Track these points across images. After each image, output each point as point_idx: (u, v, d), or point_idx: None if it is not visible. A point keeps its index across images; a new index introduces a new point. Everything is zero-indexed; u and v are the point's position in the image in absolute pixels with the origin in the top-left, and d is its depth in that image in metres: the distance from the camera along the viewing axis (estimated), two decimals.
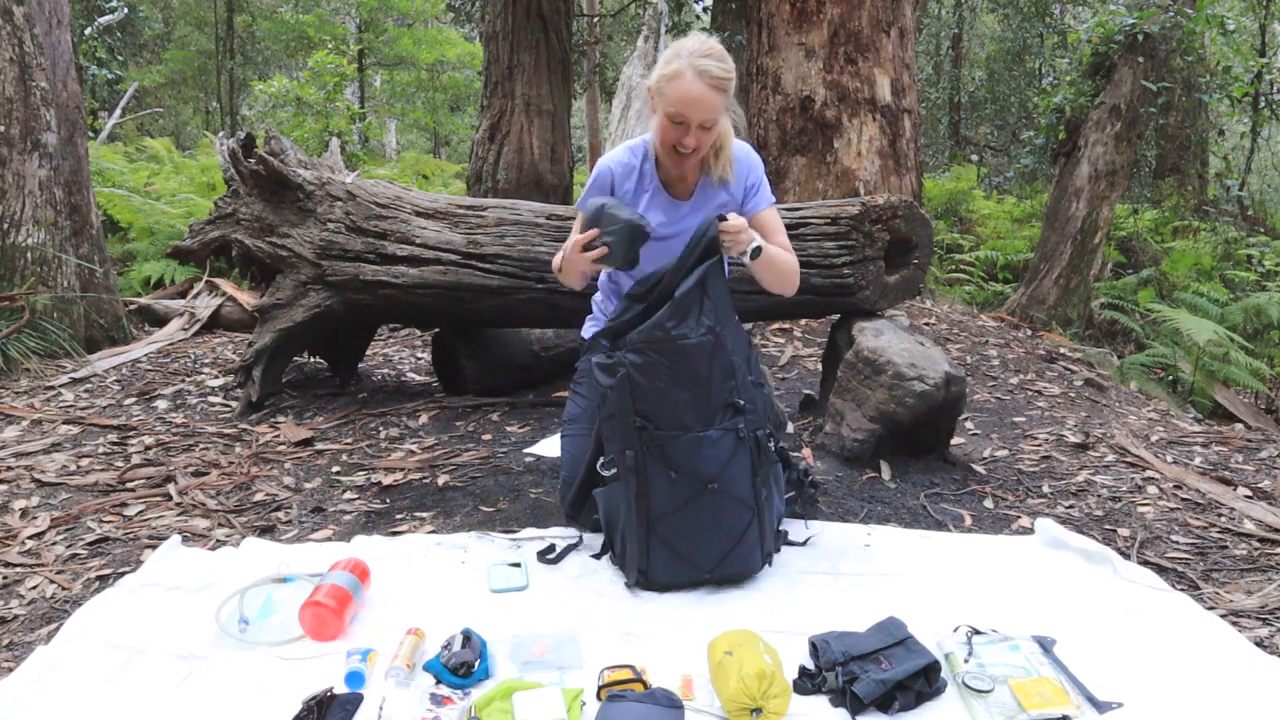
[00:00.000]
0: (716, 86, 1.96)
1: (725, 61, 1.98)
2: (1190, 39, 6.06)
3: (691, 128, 1.98)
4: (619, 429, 1.93)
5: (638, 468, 1.90)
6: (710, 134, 2.03)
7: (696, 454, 1.88)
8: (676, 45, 2.00)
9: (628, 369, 1.90)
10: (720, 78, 1.96)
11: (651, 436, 1.88)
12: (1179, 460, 2.99)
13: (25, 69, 4.20)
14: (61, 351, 4.14)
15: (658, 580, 1.92)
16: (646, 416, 1.89)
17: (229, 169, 3.66)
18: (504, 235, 3.12)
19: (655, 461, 1.89)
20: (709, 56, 1.95)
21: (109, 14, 11.22)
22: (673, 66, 1.96)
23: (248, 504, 2.52)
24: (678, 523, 1.89)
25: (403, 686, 1.56)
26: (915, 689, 1.52)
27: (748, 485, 1.93)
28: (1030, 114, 10.48)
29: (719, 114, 2.00)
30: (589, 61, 11.82)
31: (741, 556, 1.93)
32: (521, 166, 6.77)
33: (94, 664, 1.64)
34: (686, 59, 1.95)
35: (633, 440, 1.90)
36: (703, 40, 1.99)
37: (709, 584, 1.95)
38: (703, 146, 2.04)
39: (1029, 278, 6.36)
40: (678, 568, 1.90)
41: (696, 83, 1.94)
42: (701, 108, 1.96)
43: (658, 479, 1.89)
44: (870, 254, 2.91)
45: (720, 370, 1.93)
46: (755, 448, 1.94)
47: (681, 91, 1.95)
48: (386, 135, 17.23)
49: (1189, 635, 1.76)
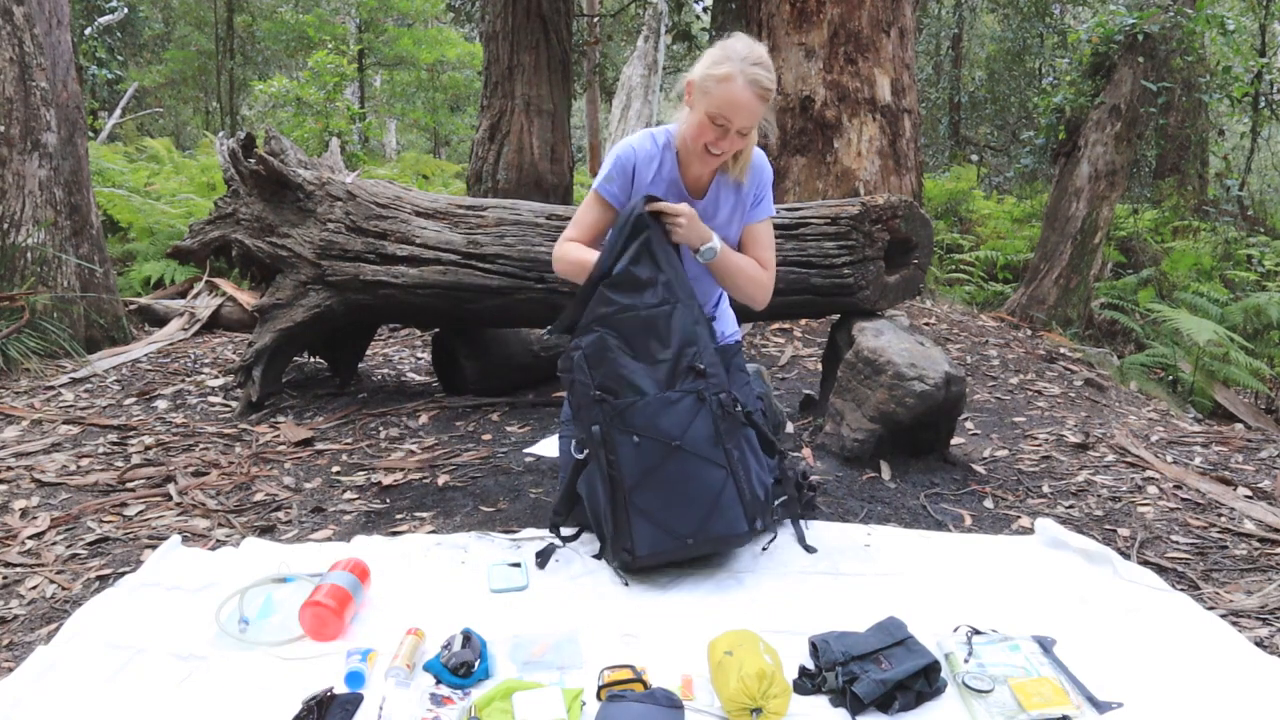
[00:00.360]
0: (762, 96, 1.99)
1: (771, 71, 2.02)
2: (1190, 39, 6.07)
3: (731, 132, 2.00)
4: (583, 404, 1.98)
5: (605, 439, 1.94)
6: (745, 140, 2.06)
7: (657, 416, 1.94)
8: (726, 46, 2.00)
9: (582, 349, 1.99)
10: (768, 89, 1.99)
11: (611, 406, 1.95)
12: (1179, 460, 2.99)
13: (25, 69, 4.20)
14: (61, 351, 4.14)
15: (642, 554, 1.92)
16: (605, 389, 1.96)
17: (229, 169, 3.66)
18: (504, 235, 3.12)
19: (618, 430, 1.94)
20: (760, 65, 1.98)
21: (109, 14, 11.22)
22: (724, 69, 1.97)
23: (248, 504, 2.52)
24: (651, 489, 1.92)
25: (403, 686, 1.56)
26: (915, 689, 1.52)
27: (713, 444, 1.96)
28: (1030, 114, 10.48)
29: (756, 122, 2.04)
30: (589, 61, 11.83)
31: (723, 519, 1.94)
32: (521, 166, 6.77)
33: (94, 664, 1.64)
34: (739, 64, 1.96)
35: (595, 413, 1.96)
36: (752, 46, 2.00)
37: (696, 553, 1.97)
38: (733, 150, 2.07)
39: (1029, 278, 6.36)
40: (659, 537, 1.92)
41: (746, 90, 1.96)
42: (746, 114, 1.99)
43: (624, 445, 1.93)
44: (870, 254, 2.91)
45: (679, 338, 2.01)
46: (719, 409, 1.97)
47: (730, 95, 1.96)
48: (386, 135, 17.23)
49: (1189, 635, 1.76)
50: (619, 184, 2.13)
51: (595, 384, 1.97)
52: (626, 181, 2.13)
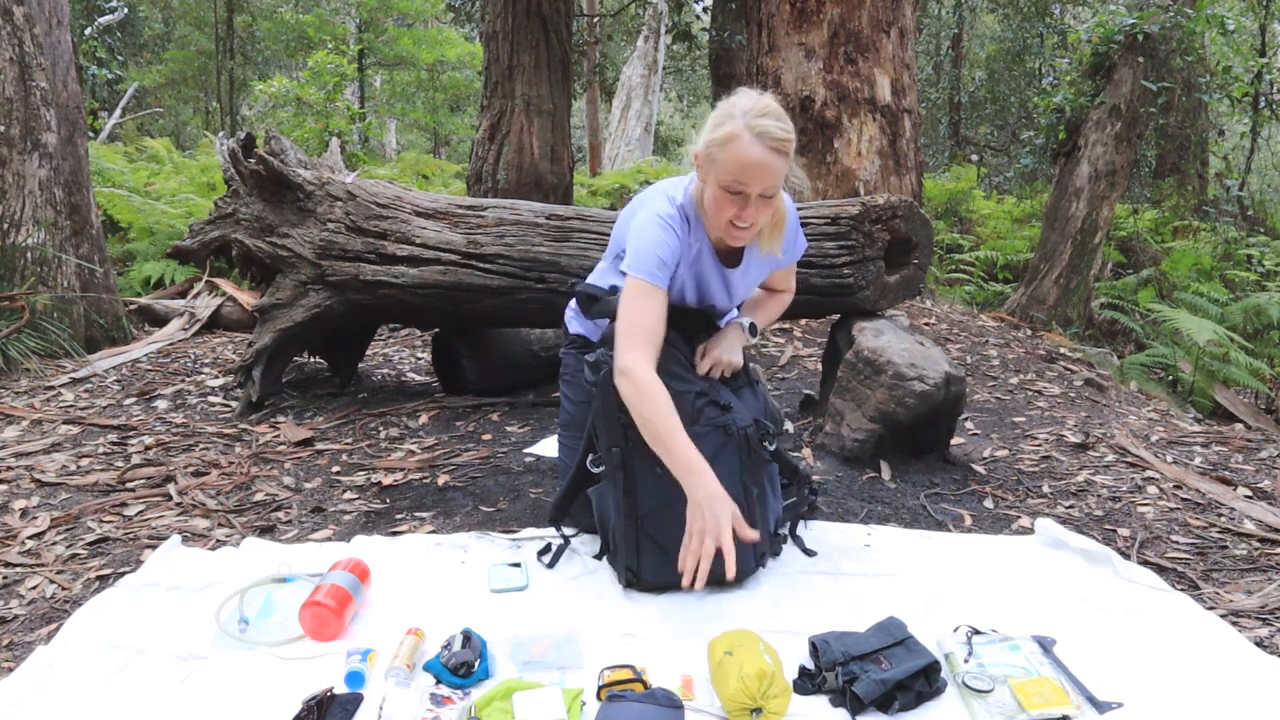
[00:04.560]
0: (777, 149, 1.73)
1: (785, 121, 1.76)
2: (1190, 39, 6.06)
3: (751, 199, 1.76)
4: (605, 426, 1.92)
5: (624, 464, 1.90)
6: (771, 204, 1.81)
7: None
8: (727, 105, 1.78)
9: (610, 365, 1.89)
10: (781, 139, 1.74)
11: (637, 432, 1.86)
12: (1179, 460, 2.99)
13: (25, 69, 4.20)
14: (61, 351, 4.14)
15: (648, 580, 1.90)
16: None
17: (229, 169, 3.66)
18: (504, 235, 3.12)
19: (641, 457, 1.87)
20: (766, 115, 1.74)
21: (109, 14, 11.22)
22: (725, 129, 1.73)
23: (248, 504, 2.52)
24: (665, 520, 1.86)
25: (403, 686, 1.56)
26: (915, 689, 1.52)
27: (736, 482, 1.91)
28: (1030, 114, 10.48)
29: (781, 180, 1.78)
30: (589, 61, 11.82)
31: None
32: (521, 166, 6.77)
33: (94, 664, 1.64)
34: (741, 119, 1.73)
35: (618, 437, 1.90)
36: (757, 98, 1.77)
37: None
38: (762, 220, 1.83)
39: (1029, 278, 6.36)
40: (667, 567, 1.84)
41: (755, 146, 1.72)
42: (762, 175, 1.74)
43: (644, 475, 1.88)
44: (870, 254, 2.91)
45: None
46: (745, 445, 1.93)
47: (738, 156, 1.73)
48: (386, 135, 17.23)
49: (1189, 635, 1.76)
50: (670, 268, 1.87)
51: (621, 405, 1.85)
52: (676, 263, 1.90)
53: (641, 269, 1.82)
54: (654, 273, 1.82)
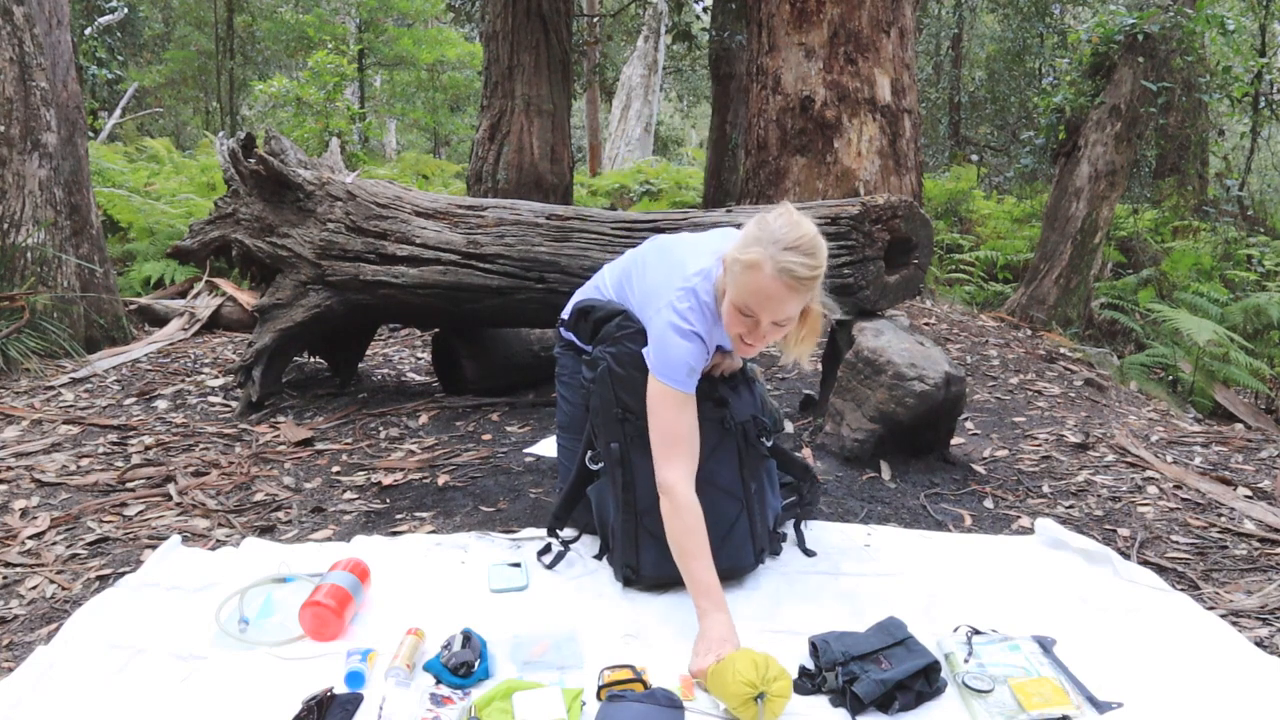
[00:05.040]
0: (797, 288, 1.69)
1: (814, 256, 1.69)
2: (1190, 39, 6.06)
3: (762, 324, 1.75)
4: (603, 422, 1.94)
5: (623, 459, 1.91)
6: (783, 329, 1.79)
7: None
8: (763, 224, 1.72)
9: (607, 361, 1.92)
10: (804, 278, 1.68)
11: (634, 427, 1.89)
12: (1179, 460, 2.99)
13: (25, 69, 4.19)
14: (61, 351, 4.14)
15: (647, 575, 1.91)
16: (628, 408, 1.90)
17: (229, 169, 3.66)
18: (504, 235, 3.12)
19: (639, 452, 1.89)
20: (795, 249, 1.67)
21: (109, 14, 11.22)
22: (752, 254, 1.69)
23: (248, 504, 2.52)
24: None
25: (403, 686, 1.56)
26: (915, 689, 1.52)
27: (734, 476, 1.93)
28: (1030, 114, 10.48)
29: (796, 313, 1.76)
30: (589, 61, 11.82)
31: (731, 551, 1.91)
32: (521, 166, 6.77)
33: (94, 664, 1.64)
34: (769, 248, 1.68)
35: (616, 432, 1.92)
36: (793, 225, 1.70)
37: None
38: (772, 339, 1.81)
39: (1029, 278, 6.35)
40: (666, 561, 1.85)
41: (775, 282, 1.67)
42: (775, 308, 1.72)
43: (643, 469, 1.89)
44: (870, 254, 2.91)
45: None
46: (742, 439, 1.94)
47: (755, 286, 1.69)
48: (386, 135, 17.22)
49: (1189, 635, 1.76)
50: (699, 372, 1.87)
51: (618, 401, 1.91)
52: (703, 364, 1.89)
53: (673, 379, 1.80)
54: (684, 381, 1.81)
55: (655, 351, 1.84)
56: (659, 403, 1.82)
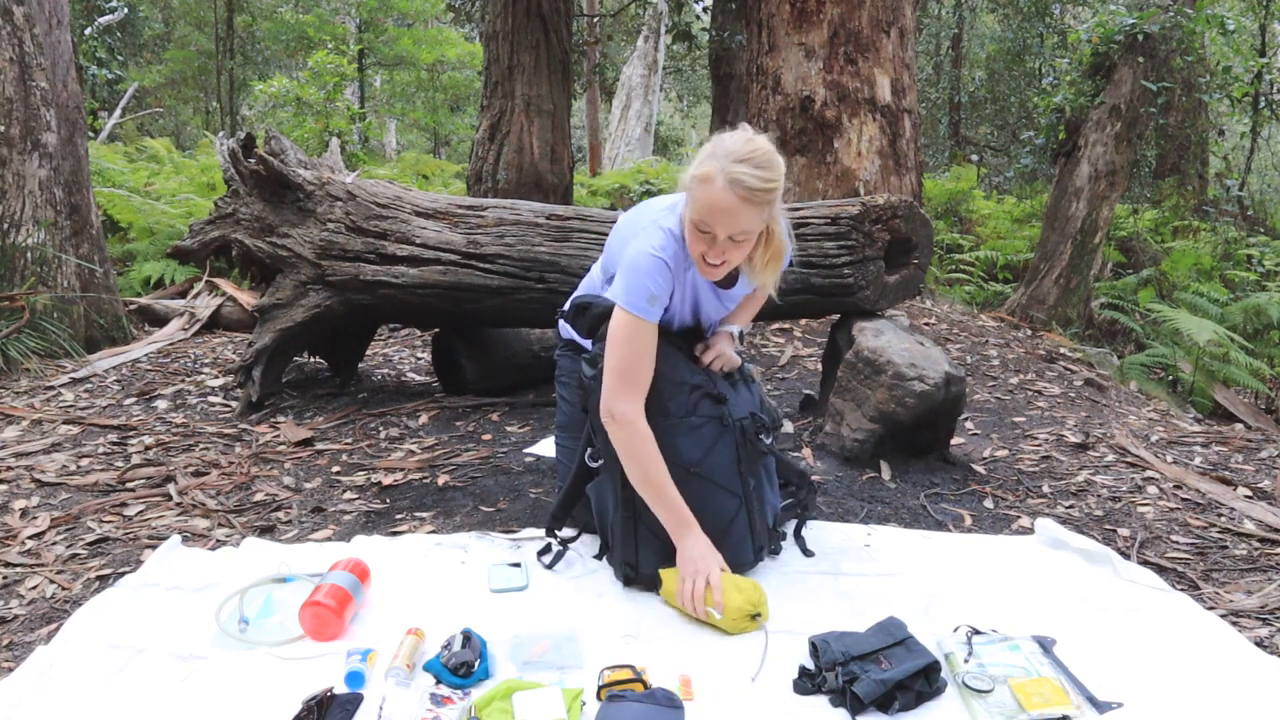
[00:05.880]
0: (750, 199, 1.70)
1: (767, 169, 1.71)
2: (1190, 39, 6.06)
3: (719, 240, 1.75)
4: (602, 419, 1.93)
5: None
6: (742, 248, 1.79)
7: (678, 440, 1.89)
8: (716, 141, 1.75)
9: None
10: (755, 189, 1.69)
11: None
12: (1179, 460, 2.99)
13: (25, 69, 4.20)
14: (61, 351, 4.14)
15: (647, 574, 1.91)
16: None
17: (229, 169, 3.66)
18: (504, 235, 3.12)
19: None
20: (747, 162, 1.69)
21: (109, 14, 11.22)
22: (705, 168, 1.72)
23: (248, 504, 2.52)
24: None
25: (403, 686, 1.56)
26: (915, 689, 1.52)
27: (733, 473, 1.92)
28: (1030, 114, 10.48)
29: (753, 226, 1.76)
30: (589, 61, 11.83)
31: (730, 547, 1.91)
32: (521, 166, 6.77)
33: (94, 664, 1.64)
34: (722, 161, 1.70)
35: None
36: (746, 140, 1.73)
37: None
38: (733, 259, 1.82)
39: (1029, 278, 6.36)
40: (666, 558, 1.87)
41: (726, 192, 1.69)
42: (729, 221, 1.72)
43: None
44: (870, 254, 2.91)
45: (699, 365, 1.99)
46: (741, 436, 1.94)
47: (708, 199, 1.71)
48: (386, 135, 17.23)
49: (1189, 635, 1.76)
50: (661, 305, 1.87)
51: None
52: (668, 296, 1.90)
53: (632, 305, 1.81)
54: (645, 308, 1.81)
55: (620, 280, 1.84)
56: (618, 331, 1.82)
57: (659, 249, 1.83)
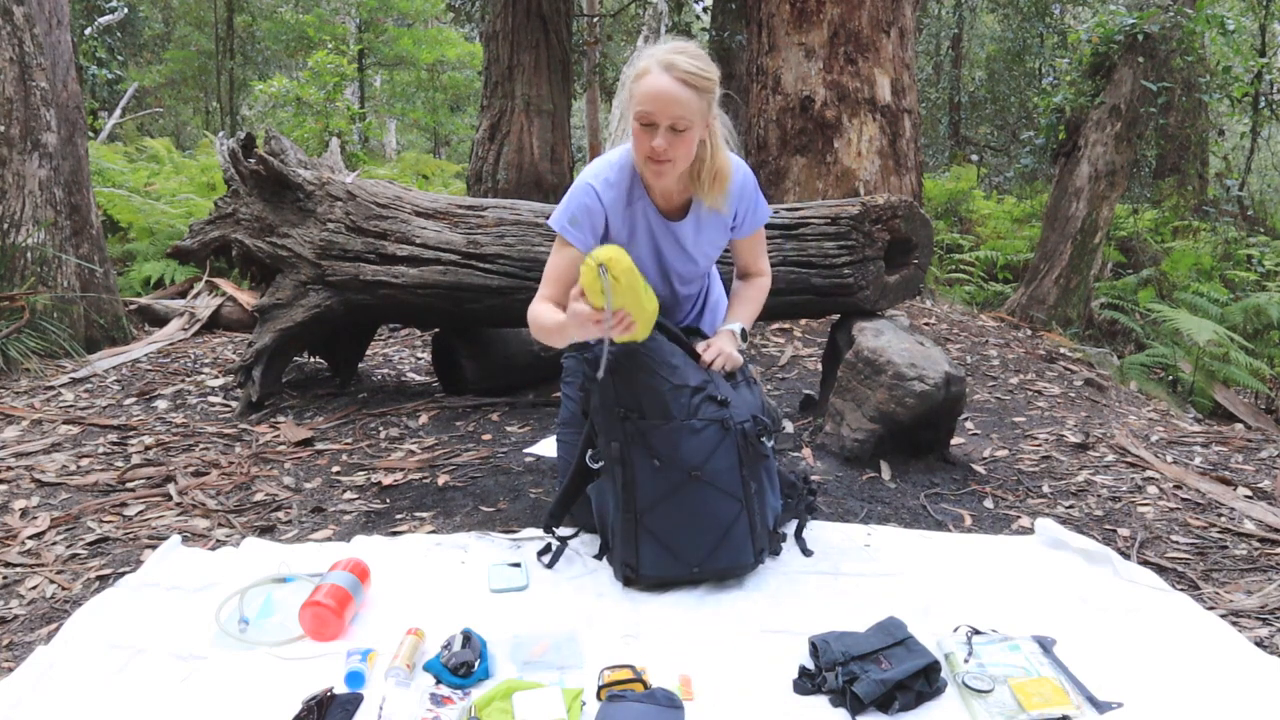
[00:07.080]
0: (686, 82, 1.80)
1: (700, 60, 1.83)
2: (1190, 39, 6.06)
3: (661, 128, 1.81)
4: (605, 420, 1.95)
5: (623, 458, 1.92)
6: (685, 140, 1.84)
7: (680, 442, 1.90)
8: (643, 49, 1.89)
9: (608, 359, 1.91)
10: (690, 73, 1.80)
11: (635, 426, 1.90)
12: (1179, 460, 2.99)
13: (25, 69, 4.20)
14: (61, 351, 4.14)
15: (646, 575, 1.91)
16: (630, 407, 1.92)
17: (229, 169, 3.66)
18: (504, 235, 3.12)
19: (639, 450, 1.90)
20: (680, 53, 1.82)
21: (109, 14, 11.21)
22: (639, 65, 1.84)
23: (248, 504, 2.52)
24: (664, 514, 1.89)
25: (403, 686, 1.56)
26: (915, 689, 1.52)
27: (734, 476, 1.93)
28: (1030, 114, 10.48)
29: (692, 115, 1.83)
30: (589, 61, 11.82)
31: (731, 550, 1.91)
32: (521, 166, 6.78)
33: (94, 664, 1.64)
34: (655, 53, 1.83)
35: (616, 431, 1.92)
36: (677, 40, 1.88)
37: (700, 580, 1.93)
38: (678, 155, 1.86)
39: (1029, 278, 6.36)
40: (666, 561, 1.89)
41: (663, 76, 1.79)
42: (668, 104, 1.80)
43: (643, 468, 1.90)
44: (870, 254, 2.91)
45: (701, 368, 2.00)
46: (742, 440, 1.95)
47: (647, 88, 1.81)
48: (386, 135, 17.22)
49: (1189, 635, 1.76)
50: (587, 227, 1.96)
51: (619, 400, 1.92)
52: (596, 223, 1.97)
53: (555, 221, 1.98)
54: (565, 227, 1.96)
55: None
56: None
57: (593, 176, 1.99)
